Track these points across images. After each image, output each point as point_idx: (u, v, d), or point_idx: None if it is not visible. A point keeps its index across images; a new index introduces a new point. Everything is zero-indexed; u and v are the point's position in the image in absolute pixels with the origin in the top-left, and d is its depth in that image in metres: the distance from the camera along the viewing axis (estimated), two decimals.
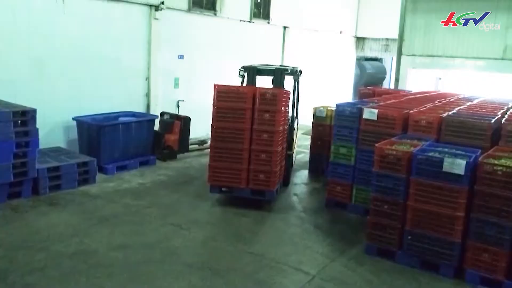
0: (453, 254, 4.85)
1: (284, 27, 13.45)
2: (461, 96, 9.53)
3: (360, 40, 17.70)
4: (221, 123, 6.30)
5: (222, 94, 6.28)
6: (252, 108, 6.20)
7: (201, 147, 9.94)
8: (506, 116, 6.36)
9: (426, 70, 13.01)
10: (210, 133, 10.70)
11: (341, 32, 16.51)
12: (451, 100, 8.58)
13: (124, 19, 8.85)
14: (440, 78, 15.64)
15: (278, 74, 7.49)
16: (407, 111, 6.36)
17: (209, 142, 10.23)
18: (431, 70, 13.07)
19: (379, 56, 19.39)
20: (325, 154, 8.55)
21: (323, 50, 15.50)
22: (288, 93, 6.82)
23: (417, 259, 5.04)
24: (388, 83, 25.28)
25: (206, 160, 9.21)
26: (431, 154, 5.07)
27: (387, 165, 5.19)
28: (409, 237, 5.08)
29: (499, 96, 10.03)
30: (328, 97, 14.44)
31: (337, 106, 6.81)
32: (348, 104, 7.03)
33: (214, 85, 6.39)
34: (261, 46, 12.65)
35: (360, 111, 6.46)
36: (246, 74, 7.63)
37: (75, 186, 6.92)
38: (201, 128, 10.01)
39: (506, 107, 7.71)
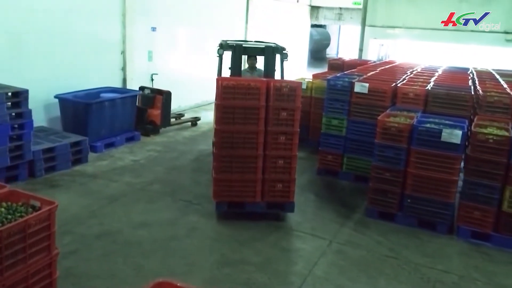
0: (448, 213, 5.50)
1: None
2: (423, 66, 10.27)
3: (314, 9, 18.05)
4: (229, 126, 5.18)
5: (229, 90, 5.11)
6: (265, 106, 5.19)
7: (178, 120, 9.96)
8: (479, 87, 7.07)
9: (387, 41, 13.71)
10: (181, 105, 11.06)
11: (297, 1, 16.73)
12: (419, 70, 9.24)
13: None
14: (382, 45, 16.57)
15: (269, 53, 6.51)
16: (395, 84, 6.86)
17: (186, 115, 10.45)
18: (392, 40, 13.79)
19: (332, 25, 19.90)
20: (305, 125, 8.99)
21: (282, 20, 15.69)
22: None
23: (415, 219, 5.64)
24: (336, 51, 26.19)
25: (187, 133, 9.45)
26: (428, 125, 5.60)
27: (389, 136, 5.66)
28: (409, 200, 5.65)
29: (450, 64, 10.94)
30: (287, 66, 14.80)
31: (329, 80, 7.16)
32: (338, 77, 7.37)
33: (217, 78, 5.33)
34: (227, 16, 12.63)
35: (351, 85, 6.85)
36: (225, 52, 6.69)
37: (69, 166, 6.79)
38: (173, 101, 9.97)
39: (470, 77, 8.50)
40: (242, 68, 7.05)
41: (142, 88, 9.09)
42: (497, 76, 8.73)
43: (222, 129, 5.22)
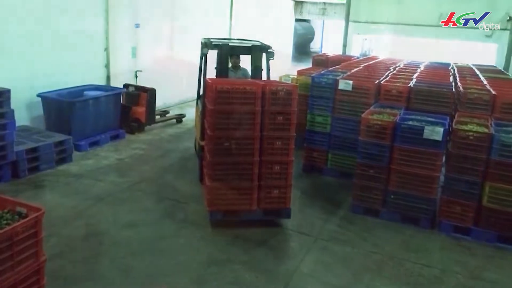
0: (430, 208, 5.63)
1: None
2: (406, 62, 10.41)
3: (298, 4, 18.08)
4: (224, 132, 5.02)
5: (224, 94, 4.94)
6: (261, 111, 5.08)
7: (163, 118, 9.93)
8: (459, 83, 7.21)
9: (370, 36, 13.84)
10: (166, 102, 11.01)
11: None
12: (401, 67, 9.37)
13: None
14: (365, 39, 16.75)
15: (256, 52, 6.37)
16: (378, 81, 6.95)
17: (171, 112, 10.41)
18: (375, 36, 13.92)
19: (316, 20, 19.99)
20: None
21: (266, 15, 15.69)
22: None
23: (399, 215, 5.76)
24: (320, 46, 26.31)
25: (173, 130, 9.44)
26: (410, 122, 5.71)
27: (373, 134, 5.75)
28: (392, 196, 5.76)
29: (431, 60, 11.11)
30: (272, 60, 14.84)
31: (313, 77, 7.22)
32: (322, 75, 7.44)
33: (211, 82, 5.17)
34: (211, 12, 12.58)
35: (336, 82, 6.92)
36: (209, 51, 6.38)
37: (53, 166, 6.73)
38: (158, 98, 9.92)
39: (451, 73, 8.66)
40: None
41: (126, 86, 9.03)
42: (477, 72, 8.91)
43: (217, 135, 5.04)
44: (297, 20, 21.63)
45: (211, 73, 6.46)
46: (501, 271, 4.85)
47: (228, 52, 6.51)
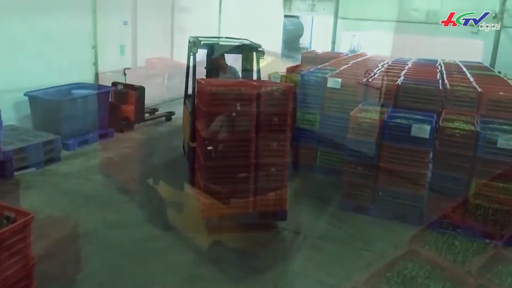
0: (418, 205, 5.70)
1: None
2: (394, 59, 10.46)
3: (287, 0, 18.04)
4: (218, 134, 4.92)
5: (218, 96, 4.86)
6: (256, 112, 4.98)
7: (153, 116, 9.87)
8: (446, 81, 7.28)
9: (359, 32, 13.91)
10: (155, 100, 10.95)
11: None
12: (390, 64, 9.41)
13: None
14: (354, 35, 16.80)
15: (247, 51, 6.28)
16: (366, 79, 6.99)
17: (160, 110, 10.35)
18: (364, 32, 13.99)
19: (305, 16, 19.98)
20: None
21: (255, 11, 15.63)
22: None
23: (388, 212, 5.81)
24: (309, 42, 26.33)
25: (162, 128, 9.41)
26: (398, 120, 5.76)
27: (361, 132, 5.79)
28: (380, 194, 5.82)
29: (419, 56, 11.18)
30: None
31: (302, 75, 7.24)
32: (311, 73, 7.46)
33: (203, 83, 5.07)
34: (199, 9, 12.52)
35: (325, 80, 6.95)
36: (198, 50, 6.12)
37: (41, 166, 6.67)
38: (147, 96, 9.87)
39: (438, 70, 8.73)
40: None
41: (115, 84, 8.95)
42: (464, 69, 8.99)
43: (212, 137, 4.89)
44: (286, 16, 21.60)
45: (201, 73, 6.43)
46: (489, 267, 4.92)
47: (218, 52, 6.43)
